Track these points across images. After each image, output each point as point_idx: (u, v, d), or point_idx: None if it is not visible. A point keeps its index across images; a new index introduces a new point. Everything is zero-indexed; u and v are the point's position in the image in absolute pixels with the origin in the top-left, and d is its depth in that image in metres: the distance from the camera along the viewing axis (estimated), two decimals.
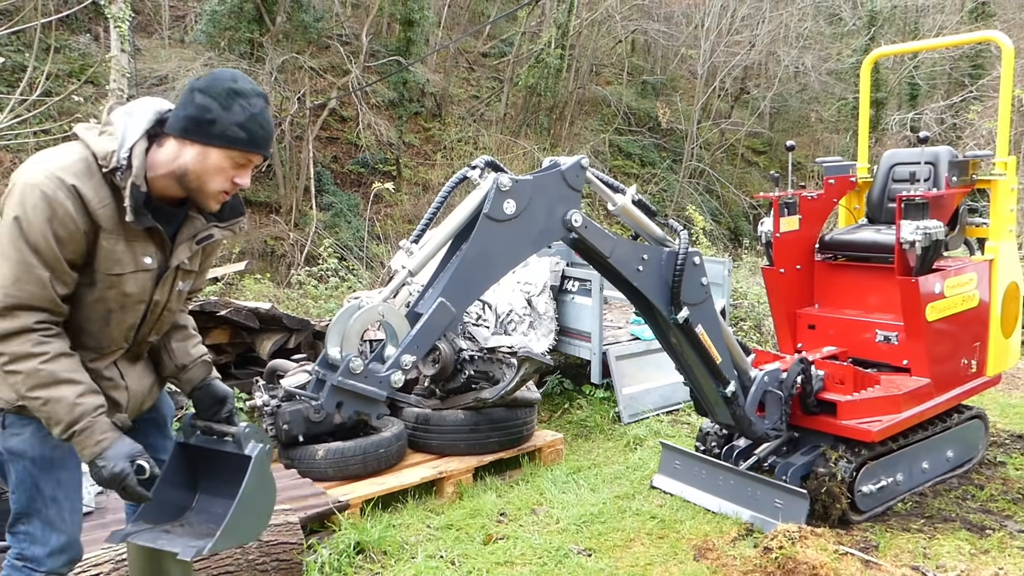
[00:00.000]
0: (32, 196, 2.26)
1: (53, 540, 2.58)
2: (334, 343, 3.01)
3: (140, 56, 15.31)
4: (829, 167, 5.80)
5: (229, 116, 2.40)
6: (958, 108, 19.77)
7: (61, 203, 2.28)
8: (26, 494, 2.55)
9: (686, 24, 25.57)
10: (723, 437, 5.34)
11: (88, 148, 2.37)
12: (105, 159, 2.35)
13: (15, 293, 2.28)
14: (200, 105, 2.38)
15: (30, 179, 2.29)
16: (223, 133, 2.40)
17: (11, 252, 2.27)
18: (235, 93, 2.41)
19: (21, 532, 2.58)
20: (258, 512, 2.68)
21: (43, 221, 2.27)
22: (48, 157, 2.37)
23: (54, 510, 2.58)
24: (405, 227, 16.47)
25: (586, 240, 3.71)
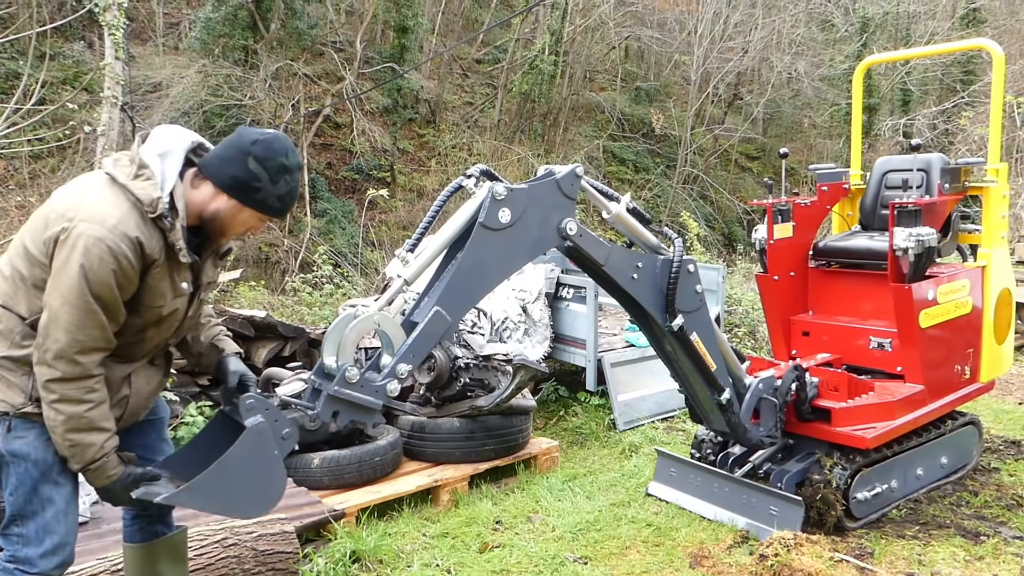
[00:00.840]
0: (98, 249, 2.42)
1: (47, 542, 2.61)
2: (330, 352, 3.01)
3: (134, 63, 15.32)
4: (822, 174, 5.82)
5: (274, 189, 2.65)
6: (950, 114, 19.87)
7: (126, 255, 2.46)
8: (23, 496, 2.59)
9: (679, 30, 25.66)
10: (718, 444, 5.35)
11: (133, 195, 2.50)
12: (151, 206, 2.50)
13: (80, 338, 2.45)
14: (252, 172, 2.60)
15: (95, 233, 2.42)
16: (263, 201, 2.66)
17: (76, 301, 2.43)
18: (285, 169, 2.65)
19: (15, 534, 2.61)
20: (245, 486, 2.68)
21: (108, 273, 2.44)
22: (103, 209, 2.47)
23: (50, 512, 2.61)
24: (399, 233, 16.48)
25: (581, 248, 3.72)
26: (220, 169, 2.61)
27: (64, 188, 2.66)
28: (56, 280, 2.44)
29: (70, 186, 2.65)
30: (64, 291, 2.43)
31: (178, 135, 2.68)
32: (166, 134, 2.67)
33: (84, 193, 2.54)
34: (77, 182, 2.66)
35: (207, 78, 15.43)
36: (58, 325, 2.43)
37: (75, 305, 2.43)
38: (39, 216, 2.57)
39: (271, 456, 2.75)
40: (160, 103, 15.31)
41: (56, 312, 2.43)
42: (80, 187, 2.60)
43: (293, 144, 2.69)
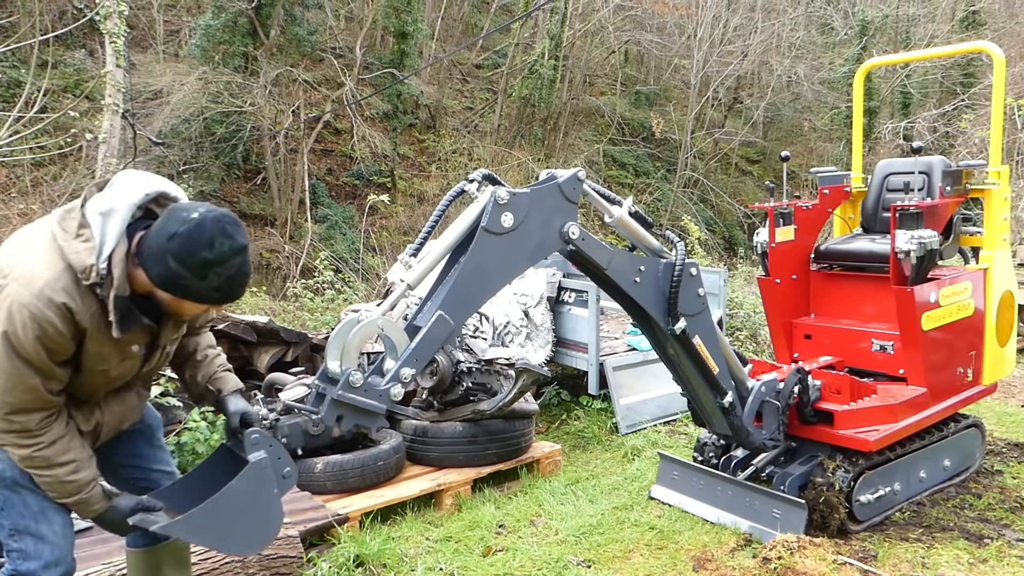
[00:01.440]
0: (21, 316, 2.30)
1: (46, 554, 2.62)
2: (334, 357, 3.02)
3: (135, 71, 15.33)
4: (823, 177, 5.83)
5: (203, 284, 2.38)
6: (950, 116, 19.88)
7: (51, 321, 2.32)
8: (15, 511, 2.59)
9: (679, 34, 25.71)
10: (721, 447, 5.34)
11: (67, 261, 2.35)
12: (84, 273, 2.34)
13: (9, 400, 2.38)
14: (173, 271, 2.35)
15: (18, 298, 2.30)
16: (198, 294, 2.42)
17: (5, 365, 2.34)
18: (210, 263, 2.35)
19: (15, 550, 2.61)
20: (241, 521, 2.67)
21: (33, 340, 2.32)
22: (35, 270, 2.34)
23: (44, 524, 2.62)
24: (400, 239, 16.49)
25: (583, 252, 3.73)
26: (146, 262, 2.39)
27: (17, 235, 2.55)
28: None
29: (22, 234, 2.53)
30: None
31: (129, 189, 2.47)
32: (118, 187, 2.48)
33: (26, 247, 2.42)
34: (27, 232, 2.52)
35: (207, 85, 15.45)
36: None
37: (3, 369, 2.34)
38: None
39: (270, 493, 2.73)
40: (161, 110, 15.34)
41: None
42: (27, 239, 2.47)
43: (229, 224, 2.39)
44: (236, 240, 2.41)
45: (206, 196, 15.84)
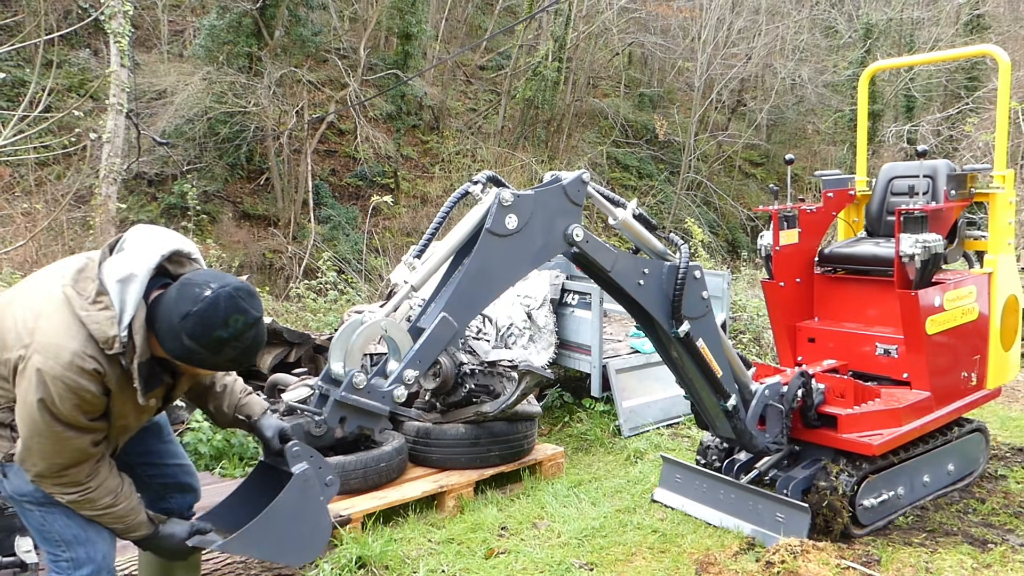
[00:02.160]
0: (56, 387, 2.33)
1: (98, 557, 2.69)
2: (337, 358, 3.02)
3: (139, 71, 15.35)
4: (828, 180, 5.82)
5: (219, 358, 2.43)
6: (954, 120, 19.87)
7: (86, 388, 2.37)
8: (59, 522, 2.64)
9: (683, 37, 25.70)
10: (724, 451, 5.33)
11: (87, 329, 2.36)
12: (107, 344, 2.36)
13: (59, 462, 2.44)
14: (188, 347, 2.38)
15: (50, 371, 2.32)
16: (213, 365, 2.49)
17: (47, 431, 2.37)
18: (225, 342, 2.39)
19: (64, 559, 2.66)
20: (294, 532, 2.73)
21: (72, 407, 2.37)
22: (59, 340, 2.35)
23: (92, 530, 2.67)
24: (403, 240, 16.49)
25: (587, 254, 3.72)
26: (160, 337, 2.43)
27: (21, 293, 2.56)
28: (22, 411, 2.39)
29: (28, 294, 2.52)
30: (29, 424, 2.37)
31: (145, 252, 2.47)
32: (134, 248, 2.49)
33: (40, 314, 2.40)
34: (36, 291, 2.51)
35: (211, 85, 15.47)
36: (32, 453, 2.42)
37: (45, 436, 2.39)
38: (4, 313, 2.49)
39: (317, 502, 2.80)
40: (165, 110, 15.36)
41: (28, 442, 2.41)
42: (37, 301, 2.45)
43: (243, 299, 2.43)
44: (250, 314, 2.45)
45: (210, 196, 15.87)
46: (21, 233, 10.03)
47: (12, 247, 9.09)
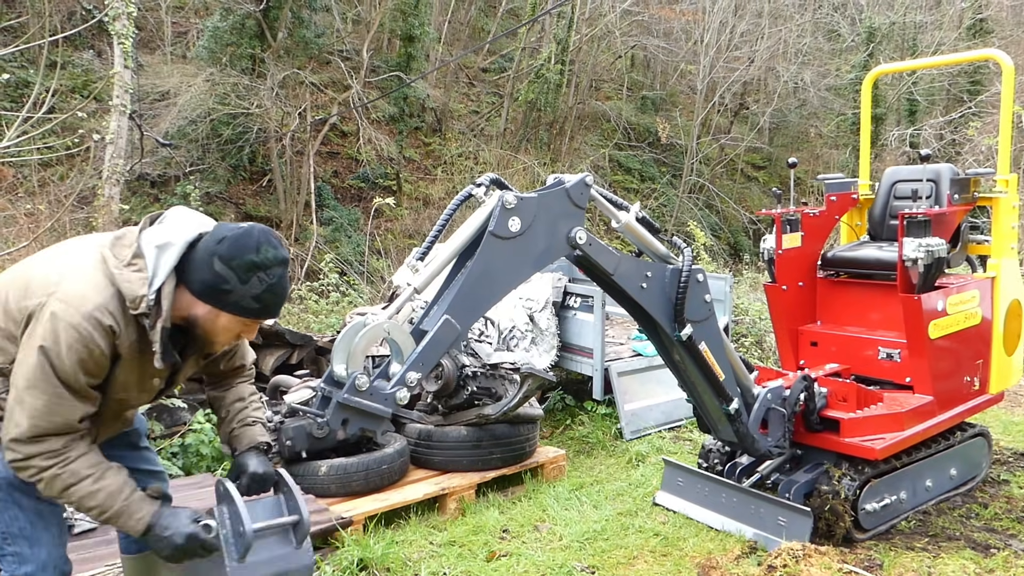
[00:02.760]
0: (68, 336, 2.29)
1: (42, 555, 2.60)
2: (340, 360, 3.02)
3: (143, 72, 15.38)
4: (831, 184, 5.82)
5: (246, 289, 2.42)
6: (957, 124, 19.86)
7: (97, 344, 2.34)
8: (8, 514, 2.56)
9: (685, 40, 25.70)
10: (726, 454, 5.33)
11: (117, 287, 2.37)
12: (134, 303, 2.36)
13: (43, 424, 2.33)
14: (219, 274, 2.40)
15: (66, 317, 2.30)
16: (237, 303, 2.44)
17: (42, 385, 2.31)
18: (256, 266, 2.41)
19: (9, 554, 2.58)
20: None
21: (75, 362, 2.32)
22: (84, 291, 2.36)
23: (40, 526, 2.60)
24: (406, 242, 16.49)
25: (590, 257, 3.72)
26: (190, 275, 2.44)
27: (56, 251, 2.57)
28: (24, 359, 2.34)
29: (62, 252, 2.55)
30: (28, 374, 2.32)
31: (185, 225, 2.51)
32: (174, 222, 2.52)
33: (71, 267, 2.43)
34: (71, 250, 2.55)
35: (214, 87, 15.47)
36: (22, 408, 2.33)
37: (40, 390, 2.32)
38: (23, 275, 2.49)
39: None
40: (168, 111, 15.37)
41: (21, 394, 2.33)
42: (70, 258, 2.48)
43: (274, 237, 2.46)
44: (280, 251, 2.47)
45: (212, 197, 15.88)
46: (24, 234, 10.03)
47: (15, 248, 9.09)
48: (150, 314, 2.38)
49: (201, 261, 2.41)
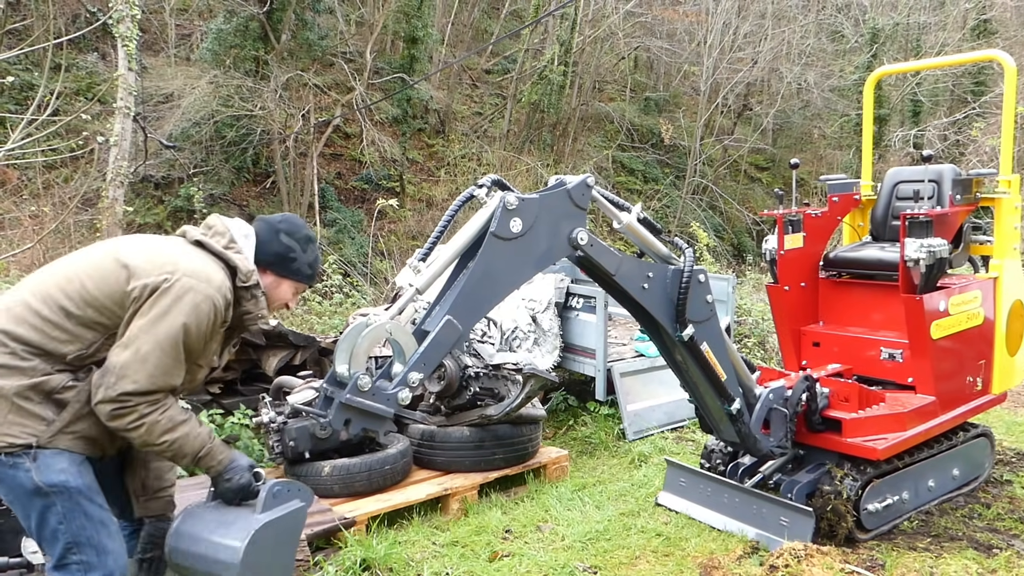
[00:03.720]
0: (206, 306, 2.69)
1: (109, 562, 2.71)
2: (342, 360, 3.03)
3: (147, 74, 15.42)
4: (833, 185, 5.82)
5: (305, 257, 3.02)
6: (961, 125, 19.84)
7: (222, 314, 2.76)
8: (75, 523, 2.67)
9: (689, 41, 25.70)
10: (728, 454, 5.34)
11: (230, 264, 2.81)
12: (246, 276, 2.84)
13: (159, 382, 2.63)
14: (287, 245, 2.98)
15: (201, 290, 2.68)
16: (298, 270, 3.02)
17: (170, 349, 2.64)
18: (309, 239, 3.06)
19: (75, 562, 2.67)
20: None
21: (205, 331, 2.72)
22: (206, 269, 2.75)
23: (104, 533, 2.71)
24: (409, 243, 16.51)
25: (592, 258, 3.73)
26: (260, 250, 2.94)
27: (136, 243, 2.82)
28: (152, 325, 2.61)
29: (145, 243, 2.84)
30: (160, 338, 2.60)
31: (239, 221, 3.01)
32: (237, 223, 2.99)
33: (176, 252, 2.77)
34: (152, 241, 2.86)
35: (218, 89, 15.50)
36: (143, 367, 2.58)
37: (166, 352, 2.62)
38: (104, 263, 2.70)
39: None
40: (172, 113, 15.40)
41: (145, 354, 2.58)
42: (165, 246, 2.82)
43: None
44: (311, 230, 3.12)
45: (216, 199, 15.91)
46: (28, 236, 10.07)
47: (20, 249, 9.13)
48: (257, 284, 2.85)
49: (269, 239, 2.96)
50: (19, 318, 2.61)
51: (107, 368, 2.59)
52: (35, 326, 2.60)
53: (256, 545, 2.73)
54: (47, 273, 2.76)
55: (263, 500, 2.81)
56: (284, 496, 2.87)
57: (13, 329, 2.59)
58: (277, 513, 2.82)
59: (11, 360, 2.56)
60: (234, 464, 2.86)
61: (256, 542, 2.73)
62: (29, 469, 2.59)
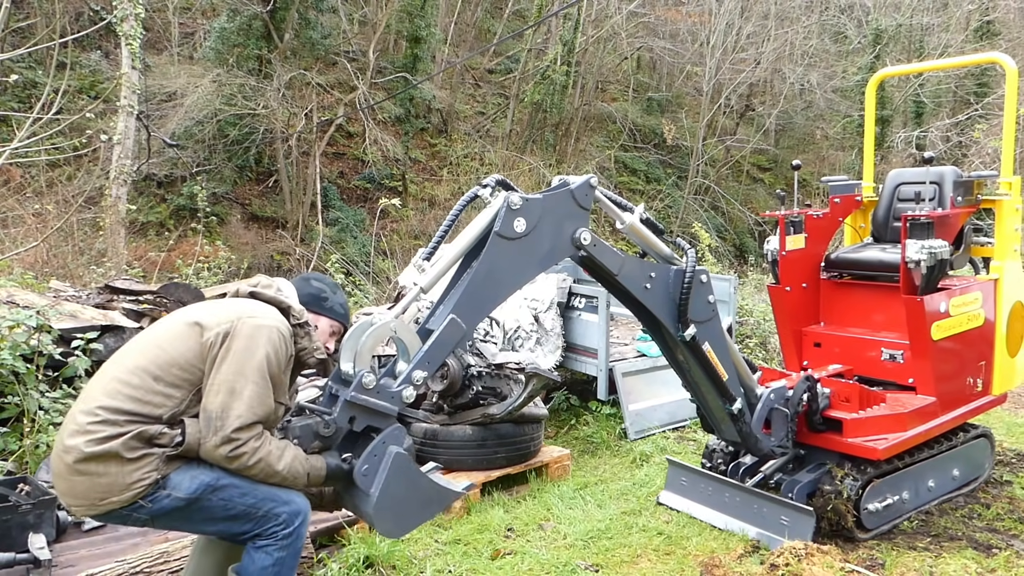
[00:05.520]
0: (276, 336, 3.00)
1: (299, 503, 3.06)
2: (347, 359, 3.05)
3: (150, 73, 15.45)
4: (835, 186, 5.84)
5: (336, 298, 3.46)
6: (963, 126, 19.83)
7: (289, 342, 3.09)
8: (239, 500, 2.94)
9: (692, 41, 25.72)
10: (729, 454, 5.35)
11: (282, 305, 3.17)
12: (298, 314, 3.19)
13: (257, 410, 2.88)
14: (317, 288, 3.42)
15: (269, 323, 3.01)
16: (332, 308, 3.41)
17: (259, 380, 2.90)
18: (336, 287, 3.51)
19: (261, 517, 2.97)
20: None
21: (282, 358, 3.02)
22: (265, 312, 3.08)
23: (262, 491, 2.98)
24: (411, 242, 16.54)
25: (595, 258, 3.75)
26: (298, 294, 3.32)
27: (202, 307, 3.14)
28: (236, 365, 2.88)
29: (207, 304, 3.22)
30: (247, 372, 2.87)
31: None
32: (281, 279, 3.43)
33: (235, 304, 3.12)
34: (216, 303, 3.19)
35: (221, 87, 15.55)
36: (241, 401, 2.83)
37: (257, 383, 2.88)
38: (175, 327, 3.00)
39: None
40: (175, 112, 15.45)
41: (239, 390, 2.85)
42: (224, 302, 3.17)
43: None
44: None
45: (219, 198, 15.95)
46: (32, 234, 10.10)
47: (24, 248, 9.16)
48: (308, 321, 3.20)
49: (302, 287, 3.39)
50: (113, 392, 2.86)
51: (208, 416, 2.83)
52: (128, 395, 2.84)
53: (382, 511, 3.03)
54: (127, 351, 3.04)
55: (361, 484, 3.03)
56: (375, 465, 3.04)
57: (109, 403, 2.83)
58: (380, 483, 3.02)
59: (113, 428, 2.80)
60: (328, 464, 3.06)
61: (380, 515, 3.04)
62: (168, 494, 2.85)
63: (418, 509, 3.19)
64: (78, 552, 3.95)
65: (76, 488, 2.81)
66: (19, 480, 4.18)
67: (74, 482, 2.80)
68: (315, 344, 3.20)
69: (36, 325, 4.98)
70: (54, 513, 3.96)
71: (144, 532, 4.26)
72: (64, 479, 2.83)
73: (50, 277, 8.51)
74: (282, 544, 3.01)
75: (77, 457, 2.77)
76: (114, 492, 2.79)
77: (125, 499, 2.80)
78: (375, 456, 3.05)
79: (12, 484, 4.10)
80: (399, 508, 3.09)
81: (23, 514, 3.79)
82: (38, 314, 5.11)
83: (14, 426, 4.97)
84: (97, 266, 10.05)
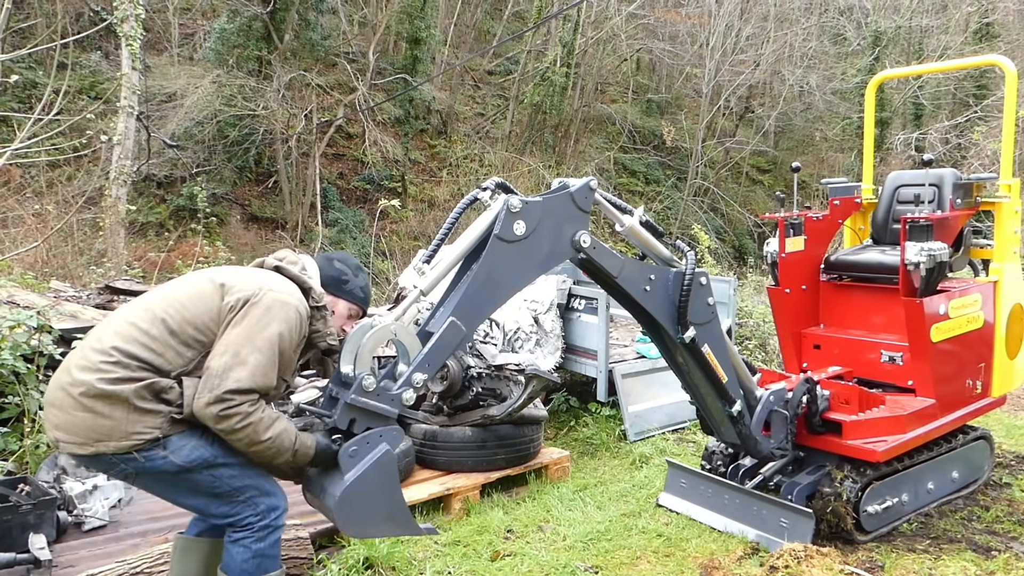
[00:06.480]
0: (294, 313, 3.02)
1: (278, 498, 3.11)
2: (347, 361, 3.06)
3: (150, 73, 15.45)
4: (834, 188, 5.84)
5: (357, 281, 3.45)
6: (963, 128, 19.84)
7: (303, 324, 3.09)
8: (227, 481, 2.98)
9: (691, 43, 25.74)
10: (729, 456, 5.36)
11: (305, 285, 3.18)
12: (318, 297, 3.21)
13: (258, 380, 2.87)
14: (339, 269, 3.41)
15: (288, 300, 3.03)
16: (351, 291, 3.42)
17: (268, 352, 2.91)
18: (359, 267, 3.51)
19: (241, 502, 3.02)
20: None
21: (296, 335, 3.03)
22: (288, 288, 3.11)
23: (257, 476, 3.06)
24: (410, 244, 16.54)
25: (594, 260, 3.75)
26: (320, 274, 3.33)
27: (230, 270, 3.20)
28: (248, 332, 2.90)
29: (235, 268, 3.28)
30: (258, 342, 2.89)
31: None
32: (306, 256, 3.42)
33: (262, 274, 3.16)
34: (243, 269, 3.28)
35: (221, 88, 15.55)
36: (244, 367, 2.83)
37: (264, 353, 2.88)
38: (200, 284, 3.05)
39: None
40: (175, 113, 15.45)
41: (245, 356, 2.85)
42: (251, 270, 3.24)
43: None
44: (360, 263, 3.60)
45: (218, 198, 15.95)
46: (32, 234, 10.10)
47: (24, 249, 9.16)
48: (325, 305, 3.22)
49: (325, 267, 3.38)
50: (130, 337, 2.88)
51: (209, 373, 2.83)
52: (144, 344, 2.87)
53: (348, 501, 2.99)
54: (149, 299, 3.06)
55: (343, 464, 3.01)
56: (364, 451, 3.03)
57: (125, 347, 2.85)
58: (360, 469, 3.00)
59: (125, 372, 2.82)
60: (319, 443, 3.04)
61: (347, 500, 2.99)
62: (165, 456, 2.86)
63: (380, 518, 3.14)
64: (78, 552, 3.96)
65: (75, 422, 2.80)
66: (19, 480, 4.19)
67: (75, 417, 2.80)
68: (329, 328, 3.22)
69: (37, 325, 4.98)
70: (54, 513, 3.97)
71: (144, 533, 4.27)
72: (63, 412, 2.82)
73: (50, 277, 8.52)
74: (258, 536, 3.03)
75: (87, 391, 2.78)
76: (113, 437, 2.79)
77: (121, 447, 2.81)
78: (367, 443, 3.05)
79: (12, 484, 4.10)
80: (364, 505, 3.05)
81: (23, 514, 3.80)
82: (39, 314, 5.11)
83: (14, 426, 4.98)
84: (97, 266, 10.06)
